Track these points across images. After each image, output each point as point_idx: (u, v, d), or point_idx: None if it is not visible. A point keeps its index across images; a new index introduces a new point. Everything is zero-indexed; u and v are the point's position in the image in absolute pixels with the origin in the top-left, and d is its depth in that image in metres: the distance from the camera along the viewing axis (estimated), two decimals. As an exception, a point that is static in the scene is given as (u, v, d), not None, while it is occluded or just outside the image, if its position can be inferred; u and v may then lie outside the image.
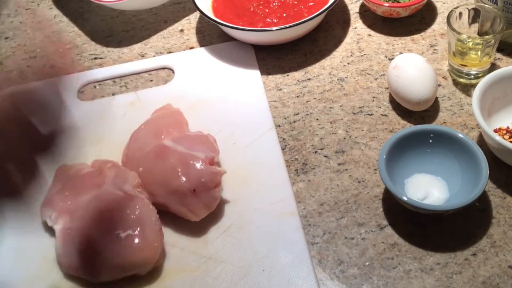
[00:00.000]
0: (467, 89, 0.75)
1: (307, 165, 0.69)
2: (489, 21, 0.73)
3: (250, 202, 0.65)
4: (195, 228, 0.64)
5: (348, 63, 0.81)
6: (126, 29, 0.91)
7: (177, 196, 0.63)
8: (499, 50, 0.78)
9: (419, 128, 0.66)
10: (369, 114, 0.74)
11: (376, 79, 0.78)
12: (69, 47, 0.80)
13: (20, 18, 0.96)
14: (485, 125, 0.62)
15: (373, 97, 0.76)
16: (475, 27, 0.75)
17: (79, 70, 0.84)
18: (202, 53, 0.85)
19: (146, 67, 0.84)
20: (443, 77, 0.77)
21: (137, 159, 0.67)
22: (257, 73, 0.80)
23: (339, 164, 0.69)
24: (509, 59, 0.78)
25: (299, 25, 0.78)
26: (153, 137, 0.68)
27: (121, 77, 0.83)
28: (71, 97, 0.80)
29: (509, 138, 0.67)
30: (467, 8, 0.74)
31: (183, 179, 0.62)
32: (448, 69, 0.78)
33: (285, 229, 0.62)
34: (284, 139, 0.72)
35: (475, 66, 0.74)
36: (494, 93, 0.68)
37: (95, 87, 0.82)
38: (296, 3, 0.85)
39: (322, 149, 0.71)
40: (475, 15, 0.74)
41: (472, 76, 0.75)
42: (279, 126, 0.74)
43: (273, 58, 0.83)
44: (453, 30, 0.71)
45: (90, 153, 0.70)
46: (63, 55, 0.62)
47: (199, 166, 0.63)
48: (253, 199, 0.66)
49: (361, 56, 0.82)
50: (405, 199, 0.59)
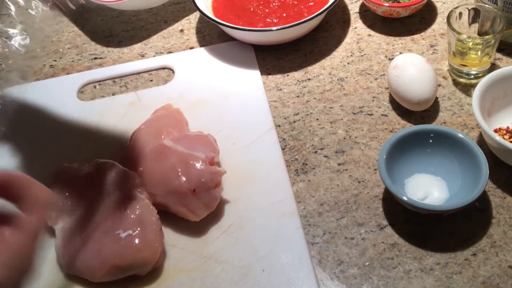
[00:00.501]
0: (467, 89, 0.75)
1: (307, 165, 0.69)
2: (489, 21, 0.73)
3: (250, 202, 0.65)
4: (195, 228, 0.64)
5: (348, 63, 0.81)
6: (126, 29, 0.92)
7: (177, 196, 0.63)
8: (499, 50, 0.78)
9: (419, 128, 0.66)
10: (369, 114, 0.74)
11: (376, 79, 0.78)
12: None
13: (20, 18, 0.96)
14: (485, 125, 0.62)
15: (373, 97, 0.76)
16: (475, 27, 0.75)
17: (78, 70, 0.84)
18: (202, 53, 0.85)
19: (146, 67, 0.84)
20: (443, 77, 0.77)
21: (137, 159, 0.67)
22: (257, 73, 0.80)
23: (339, 164, 0.69)
24: (509, 59, 0.78)
25: (299, 25, 0.78)
26: (153, 137, 0.68)
27: (121, 77, 0.83)
28: (71, 97, 0.80)
29: (509, 138, 0.67)
30: (467, 8, 0.74)
31: (183, 179, 0.62)
32: (448, 69, 0.78)
33: (285, 229, 0.62)
34: (284, 139, 0.72)
35: (475, 66, 0.74)
36: (494, 93, 0.68)
37: (95, 87, 0.82)
38: (296, 3, 0.85)
39: (322, 149, 0.71)
40: (475, 15, 0.74)
41: (472, 76, 0.75)
42: (279, 126, 0.74)
43: (273, 58, 0.83)
44: (453, 30, 0.71)
45: (90, 153, 0.70)
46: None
47: (199, 166, 0.63)
48: (253, 199, 0.66)
49: (361, 56, 0.82)
50: (405, 199, 0.59)
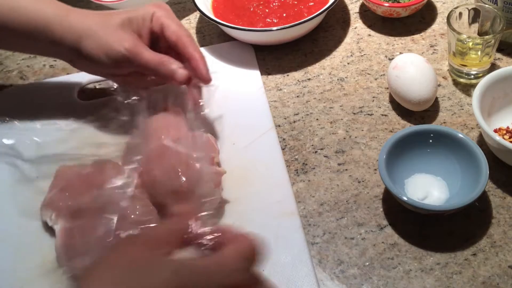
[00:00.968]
0: (467, 89, 0.75)
1: (307, 165, 0.69)
2: (489, 21, 0.73)
3: (250, 202, 0.65)
4: (195, 228, 0.63)
5: (348, 63, 0.81)
6: (126, 29, 0.91)
7: (177, 196, 0.63)
8: (499, 50, 0.78)
9: (419, 128, 0.66)
10: (369, 114, 0.74)
11: (376, 79, 0.78)
12: None
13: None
14: (485, 125, 0.62)
15: (373, 97, 0.76)
16: (475, 27, 0.75)
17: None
18: (202, 53, 0.84)
19: (146, 67, 0.83)
20: (443, 77, 0.77)
21: (137, 159, 0.67)
22: (257, 73, 0.80)
23: (339, 164, 0.69)
24: (509, 59, 0.78)
25: (299, 25, 0.78)
26: (153, 137, 0.68)
27: (121, 77, 0.83)
28: (71, 97, 0.80)
29: (509, 138, 0.67)
30: (467, 8, 0.74)
31: (183, 179, 0.62)
32: (448, 69, 0.78)
33: (285, 229, 0.62)
34: (284, 139, 0.72)
35: (475, 66, 0.74)
36: (494, 93, 0.68)
37: (95, 87, 0.82)
38: (296, 3, 0.85)
39: (322, 149, 0.71)
40: (475, 15, 0.74)
41: (472, 76, 0.75)
42: (279, 126, 0.74)
43: (273, 58, 0.83)
44: (453, 30, 0.71)
45: (90, 153, 0.70)
46: None
47: (199, 166, 0.63)
48: (253, 199, 0.66)
49: (361, 56, 0.82)
50: (405, 199, 0.59)
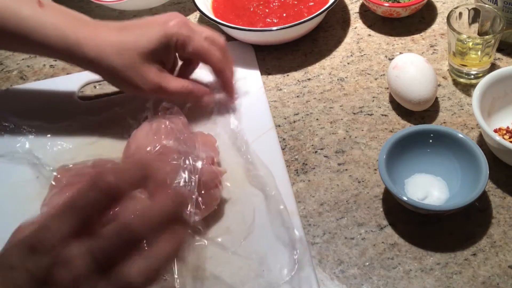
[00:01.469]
0: (467, 89, 0.75)
1: (307, 165, 0.69)
2: (489, 21, 0.73)
3: (250, 202, 0.65)
4: (195, 228, 0.64)
5: (348, 63, 0.81)
6: (126, 29, 0.91)
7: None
8: (499, 50, 0.78)
9: (419, 128, 0.66)
10: (369, 114, 0.74)
11: (376, 79, 0.78)
12: None
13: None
14: (485, 125, 0.62)
15: (373, 97, 0.76)
16: (475, 27, 0.75)
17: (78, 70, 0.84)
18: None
19: (146, 67, 0.83)
20: (443, 77, 0.77)
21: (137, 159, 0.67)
22: (257, 73, 0.80)
23: (339, 164, 0.69)
24: (509, 59, 0.78)
25: (299, 25, 0.78)
26: (153, 137, 0.68)
27: (121, 77, 0.83)
28: (71, 97, 0.80)
29: (509, 138, 0.67)
30: (467, 8, 0.74)
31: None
32: (448, 69, 0.78)
33: (285, 229, 0.62)
34: (284, 139, 0.72)
35: (475, 66, 0.74)
36: (494, 93, 0.68)
37: (95, 87, 0.82)
38: (296, 3, 0.85)
39: (322, 149, 0.71)
40: (475, 15, 0.74)
41: (472, 76, 0.75)
42: (279, 126, 0.74)
43: (273, 58, 0.83)
44: (453, 30, 0.71)
45: (90, 153, 0.70)
46: None
47: (199, 166, 0.63)
48: (253, 199, 0.65)
49: (361, 56, 0.82)
50: (405, 199, 0.59)
